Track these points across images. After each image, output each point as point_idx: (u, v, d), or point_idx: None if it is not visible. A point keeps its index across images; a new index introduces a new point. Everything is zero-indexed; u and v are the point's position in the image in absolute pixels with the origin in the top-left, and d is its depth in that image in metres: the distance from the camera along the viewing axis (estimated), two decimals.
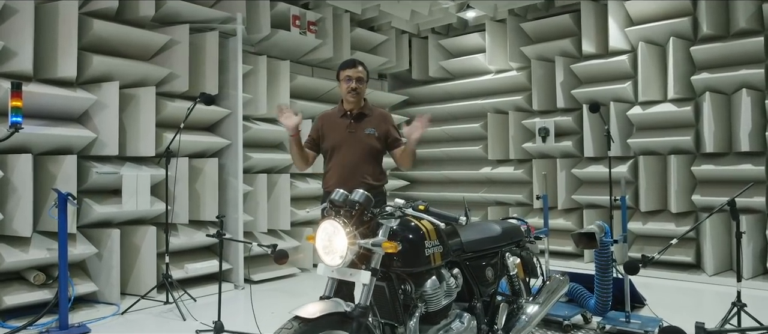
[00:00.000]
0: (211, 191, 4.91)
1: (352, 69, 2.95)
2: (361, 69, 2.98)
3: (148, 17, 4.60)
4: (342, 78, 2.98)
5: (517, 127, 6.44)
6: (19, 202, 3.81)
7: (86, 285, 4.16)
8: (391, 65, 7.12)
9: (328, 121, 3.06)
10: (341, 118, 3.00)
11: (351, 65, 2.97)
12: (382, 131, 2.97)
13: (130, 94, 4.48)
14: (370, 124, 2.97)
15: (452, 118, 7.16)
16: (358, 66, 2.97)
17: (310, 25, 5.84)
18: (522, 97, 6.41)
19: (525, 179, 6.45)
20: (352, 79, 2.94)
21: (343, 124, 2.98)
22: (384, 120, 3.02)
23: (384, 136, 2.98)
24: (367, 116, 2.99)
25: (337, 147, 2.93)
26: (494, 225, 2.74)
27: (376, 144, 2.95)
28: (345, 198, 2.02)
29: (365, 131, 2.94)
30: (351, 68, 2.95)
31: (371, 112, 3.03)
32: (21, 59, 3.84)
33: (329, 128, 3.02)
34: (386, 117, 3.07)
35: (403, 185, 7.35)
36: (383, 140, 2.98)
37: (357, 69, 2.96)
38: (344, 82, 2.96)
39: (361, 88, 2.97)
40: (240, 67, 5.01)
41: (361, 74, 2.96)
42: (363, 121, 2.97)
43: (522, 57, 6.42)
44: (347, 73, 2.95)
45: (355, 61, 3.00)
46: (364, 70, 2.99)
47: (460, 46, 7.01)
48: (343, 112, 3.01)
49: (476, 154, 6.84)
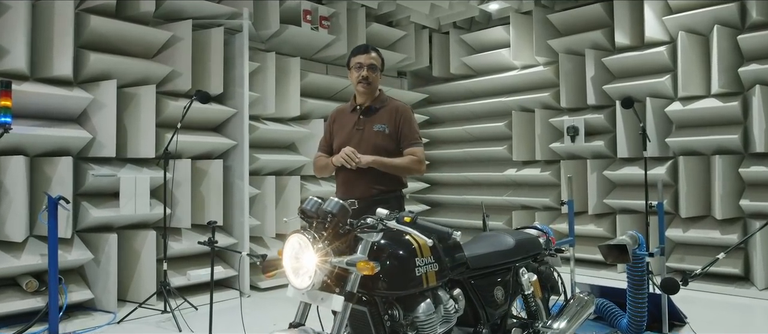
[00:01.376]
0: (215, 193, 4.69)
1: (364, 55, 2.58)
2: (375, 55, 2.61)
3: (149, 13, 4.41)
4: (352, 66, 2.62)
5: (543, 126, 6.02)
6: (11, 205, 3.66)
7: (82, 292, 3.99)
8: (411, 62, 6.79)
9: (339, 116, 2.73)
10: (352, 112, 2.67)
11: (363, 51, 2.61)
12: (393, 127, 2.59)
13: (131, 94, 4.30)
14: (381, 120, 2.59)
15: (475, 117, 6.78)
16: (371, 51, 2.61)
17: (322, 20, 5.58)
18: (549, 94, 5.98)
19: (552, 182, 6.02)
20: (363, 66, 2.57)
21: (352, 119, 2.64)
22: (398, 113, 2.60)
23: (396, 133, 2.59)
24: (378, 110, 2.62)
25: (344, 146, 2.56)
26: (506, 237, 2.38)
27: (387, 143, 2.56)
28: (317, 207, 1.71)
29: (374, 128, 2.58)
30: (363, 54, 2.59)
31: (384, 104, 2.64)
32: (13, 57, 3.70)
33: (339, 125, 2.68)
34: (401, 110, 2.61)
35: (422, 188, 7.01)
36: (395, 138, 2.59)
37: (370, 55, 2.59)
38: (355, 70, 2.60)
39: (374, 77, 2.59)
40: (246, 64, 4.77)
41: (374, 61, 2.59)
42: (373, 116, 2.61)
43: (549, 51, 5.99)
44: (358, 60, 2.59)
45: (367, 47, 2.64)
46: (378, 57, 2.63)
47: (483, 41, 6.63)
48: (353, 107, 2.68)
49: (500, 155, 6.44)
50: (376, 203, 2.54)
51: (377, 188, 2.55)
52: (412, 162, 2.58)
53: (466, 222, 6.62)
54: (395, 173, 2.59)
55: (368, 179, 2.52)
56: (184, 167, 4.49)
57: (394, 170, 2.56)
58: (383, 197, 2.55)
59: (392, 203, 2.56)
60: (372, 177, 2.52)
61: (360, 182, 2.52)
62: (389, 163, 2.53)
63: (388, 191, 2.59)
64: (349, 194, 2.54)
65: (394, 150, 2.60)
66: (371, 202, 2.50)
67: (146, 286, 4.26)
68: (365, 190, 2.52)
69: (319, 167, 2.72)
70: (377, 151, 2.54)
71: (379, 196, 2.54)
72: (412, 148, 2.60)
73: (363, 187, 2.52)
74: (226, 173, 4.82)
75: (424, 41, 6.92)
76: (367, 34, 6.09)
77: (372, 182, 2.53)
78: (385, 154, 2.55)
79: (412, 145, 2.60)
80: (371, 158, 2.49)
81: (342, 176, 2.59)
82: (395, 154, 2.59)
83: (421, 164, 2.61)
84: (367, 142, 2.57)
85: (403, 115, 2.62)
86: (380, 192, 2.55)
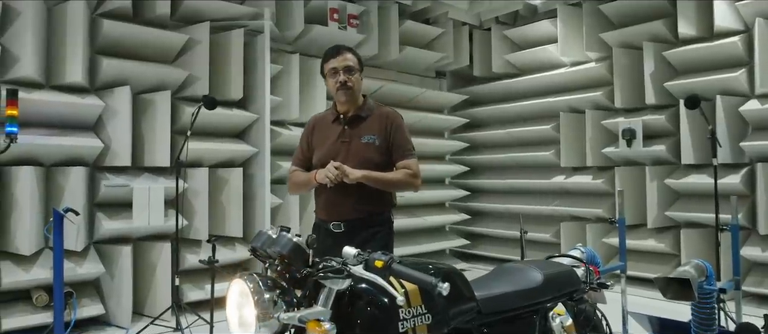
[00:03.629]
0: (235, 204, 4.46)
1: (336, 57, 2.28)
2: (350, 56, 2.31)
3: (166, 16, 4.24)
4: (327, 73, 2.32)
5: (595, 129, 5.42)
6: (20, 217, 3.55)
7: (94, 307, 3.85)
8: (449, 61, 6.37)
9: (319, 126, 2.41)
10: (333, 123, 2.35)
11: (334, 53, 2.30)
12: (383, 137, 2.28)
13: (147, 100, 4.15)
14: (369, 130, 2.28)
15: (519, 119, 6.25)
16: (344, 52, 2.30)
17: (351, 19, 5.26)
18: (602, 93, 5.38)
19: (605, 190, 5.41)
20: (338, 70, 2.27)
21: (335, 131, 2.32)
22: (388, 122, 2.30)
23: (387, 144, 2.29)
24: (365, 119, 2.31)
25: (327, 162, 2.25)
26: (532, 271, 1.94)
27: (377, 156, 2.26)
28: (271, 244, 1.37)
29: (362, 140, 2.27)
30: (335, 57, 2.29)
31: (371, 112, 2.33)
32: (25, 64, 3.59)
33: (319, 137, 2.37)
34: (391, 118, 2.33)
35: (461, 196, 6.55)
36: (386, 150, 2.29)
37: (344, 56, 2.29)
38: (330, 77, 2.30)
39: (354, 81, 2.29)
40: (267, 67, 4.53)
41: (350, 63, 2.29)
42: (360, 126, 2.30)
43: (602, 45, 5.39)
44: (332, 65, 2.29)
45: (339, 48, 2.33)
46: (353, 57, 2.32)
47: (529, 37, 6.09)
48: (335, 116, 2.36)
49: (547, 161, 5.89)
50: (364, 226, 2.21)
51: (365, 208, 2.23)
52: (407, 176, 2.27)
53: (508, 233, 6.11)
54: (388, 189, 2.27)
55: (355, 198, 2.20)
56: (201, 176, 4.29)
57: (387, 186, 2.25)
58: (372, 219, 2.24)
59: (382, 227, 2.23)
60: (360, 196, 2.20)
61: (346, 201, 2.20)
62: (382, 179, 2.22)
63: (378, 212, 2.27)
64: (333, 215, 2.24)
65: (385, 164, 2.28)
66: (359, 225, 2.20)
67: (161, 300, 4.07)
68: (351, 211, 2.22)
69: (296, 183, 2.41)
70: (366, 166, 2.22)
71: (368, 218, 2.23)
72: (405, 160, 2.28)
73: (349, 207, 2.21)
74: (247, 181, 4.59)
75: (463, 39, 6.47)
76: (400, 32, 5.73)
77: (360, 201, 2.21)
78: (375, 168, 2.23)
79: (405, 157, 2.29)
80: (361, 173, 2.17)
81: (325, 194, 2.28)
82: (386, 169, 2.27)
83: (417, 179, 2.30)
84: (355, 156, 2.24)
85: (393, 124, 2.30)
86: (369, 214, 2.23)
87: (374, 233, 2.24)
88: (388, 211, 2.33)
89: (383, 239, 2.27)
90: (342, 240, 2.19)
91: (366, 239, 2.20)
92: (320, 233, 2.30)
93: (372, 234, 2.23)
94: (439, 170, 6.39)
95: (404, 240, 5.92)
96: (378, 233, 2.25)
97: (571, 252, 2.55)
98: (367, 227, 2.23)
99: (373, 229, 2.24)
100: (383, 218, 2.31)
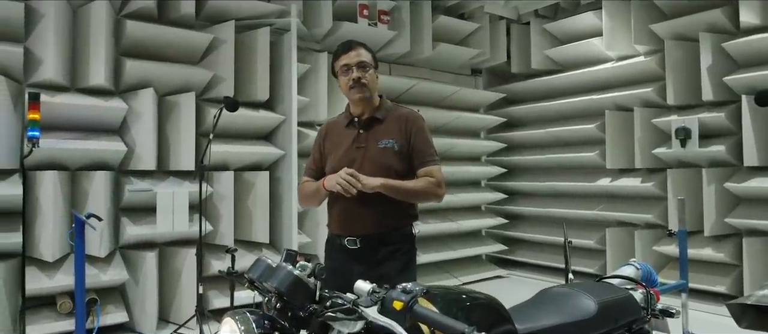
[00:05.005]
0: (261, 208, 4.31)
1: (348, 53, 2.05)
2: (364, 51, 2.08)
3: (191, 16, 4.12)
4: (338, 70, 2.09)
5: (645, 128, 5.02)
6: (44, 222, 3.50)
7: (119, 314, 3.77)
8: (485, 58, 6.07)
9: (332, 132, 2.19)
10: (347, 127, 2.12)
11: (346, 49, 2.06)
12: (403, 141, 2.03)
13: (172, 102, 4.04)
14: (388, 133, 2.04)
15: (561, 118, 5.89)
16: (356, 47, 2.07)
17: (381, 15, 5.04)
18: (652, 89, 4.98)
19: (656, 194, 5.00)
20: (350, 67, 2.04)
21: (349, 135, 2.09)
22: (408, 124, 2.06)
23: (408, 149, 2.04)
24: (382, 122, 2.07)
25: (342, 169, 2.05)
26: (583, 298, 1.66)
27: (396, 162, 2.02)
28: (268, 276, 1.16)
29: (379, 144, 2.03)
30: (347, 52, 2.05)
31: (388, 114, 2.09)
32: (48, 67, 3.53)
33: (332, 143, 2.14)
34: (411, 120, 2.07)
35: (498, 199, 6.24)
36: (406, 155, 2.04)
37: (357, 51, 2.06)
38: (342, 74, 2.07)
39: (369, 78, 2.05)
40: (294, 66, 4.36)
41: (363, 58, 2.05)
42: (377, 129, 2.06)
43: (652, 37, 4.99)
44: (343, 61, 2.05)
45: (350, 43, 2.10)
46: (367, 53, 2.09)
47: (571, 30, 5.73)
48: (349, 119, 2.13)
49: (591, 162, 5.52)
50: (382, 242, 1.97)
51: (385, 222, 1.99)
52: (430, 186, 2.01)
53: (550, 239, 5.77)
54: (408, 199, 2.02)
55: (375, 210, 1.97)
56: (227, 179, 4.16)
57: (408, 196, 2.00)
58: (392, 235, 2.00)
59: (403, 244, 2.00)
60: (378, 207, 1.97)
61: (363, 214, 1.97)
62: (402, 188, 1.97)
63: (398, 226, 2.03)
64: (347, 229, 2.01)
65: (405, 171, 2.03)
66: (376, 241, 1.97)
67: (187, 307, 3.96)
68: (368, 225, 1.98)
69: (305, 194, 2.19)
70: (385, 174, 1.98)
71: (387, 233, 2.00)
72: (427, 167, 2.03)
73: (367, 221, 1.98)
74: (274, 185, 4.44)
75: (500, 34, 6.15)
76: (433, 28, 5.47)
77: (379, 214, 1.98)
78: (395, 176, 1.99)
79: (427, 163, 2.03)
80: (379, 181, 1.93)
81: (338, 206, 2.05)
82: (407, 177, 2.02)
83: (441, 188, 2.04)
84: (372, 163, 2.01)
85: (414, 126, 2.05)
86: (388, 228, 2.00)
87: (393, 250, 2.01)
88: (409, 225, 2.08)
89: (404, 259, 2.03)
90: (357, 257, 2.00)
91: (384, 258, 1.99)
92: (333, 249, 2.10)
93: (391, 252, 2.00)
94: (475, 172, 6.10)
95: (437, 245, 5.67)
96: (398, 251, 2.02)
97: (624, 269, 2.25)
98: (385, 243, 2.00)
99: (392, 246, 2.01)
100: (404, 233, 2.06)
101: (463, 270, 5.79)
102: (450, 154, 5.83)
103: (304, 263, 1.17)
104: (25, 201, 3.53)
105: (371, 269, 1.94)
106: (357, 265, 1.97)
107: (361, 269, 1.93)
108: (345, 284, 1.98)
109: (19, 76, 3.55)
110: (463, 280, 5.65)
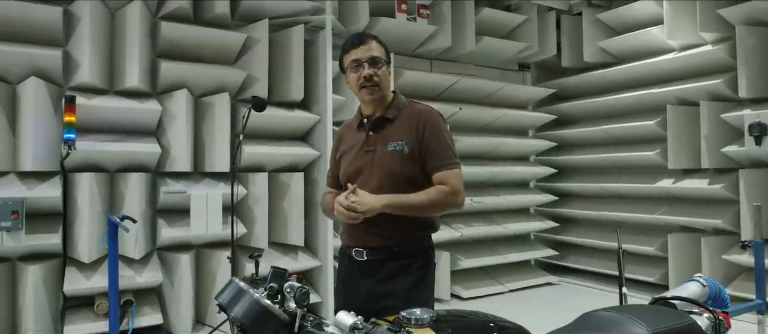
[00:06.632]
0: (297, 210, 4.22)
1: (359, 47, 1.85)
2: (376, 45, 1.88)
3: (226, 16, 4.08)
4: (348, 66, 1.89)
5: (713, 124, 4.56)
6: (82, 224, 3.53)
7: (154, 315, 3.76)
8: (533, 52, 5.74)
9: (346, 136, 2.01)
10: (358, 129, 1.94)
11: (356, 42, 1.86)
12: (415, 142, 1.81)
13: (207, 103, 4.01)
14: (397, 134, 1.83)
15: (617, 114, 5.48)
16: (367, 41, 1.88)
17: (420, 9, 4.84)
18: (721, 81, 4.51)
19: (726, 197, 4.53)
20: (361, 63, 1.84)
21: (359, 138, 1.91)
22: (420, 122, 1.83)
23: (420, 151, 1.81)
24: (392, 121, 1.87)
25: (351, 178, 1.86)
26: (634, 328, 1.40)
27: (405, 168, 1.80)
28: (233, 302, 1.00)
29: (388, 147, 1.83)
30: (357, 47, 1.85)
31: (401, 111, 1.88)
32: (87, 70, 3.56)
33: (345, 148, 1.97)
34: (424, 117, 1.85)
35: (549, 201, 5.89)
36: (418, 158, 1.81)
37: (368, 45, 1.86)
38: (352, 71, 1.87)
39: (381, 75, 1.86)
40: (329, 64, 4.24)
41: (375, 53, 1.86)
42: (386, 130, 1.86)
43: (721, 24, 4.52)
44: (354, 56, 1.86)
45: (361, 36, 1.91)
46: (379, 47, 1.89)
47: (628, 19, 5.31)
48: (360, 120, 1.95)
49: (651, 162, 5.08)
50: (391, 256, 1.77)
51: (396, 234, 1.79)
52: (443, 196, 1.76)
53: (604, 244, 5.39)
54: (420, 214, 1.80)
55: (382, 223, 1.76)
56: (261, 181, 4.09)
57: (419, 211, 1.78)
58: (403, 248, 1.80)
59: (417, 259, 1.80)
60: (390, 217, 1.76)
61: (372, 223, 1.76)
62: (410, 204, 1.75)
63: (411, 239, 1.81)
64: (354, 240, 1.85)
65: (418, 176, 1.81)
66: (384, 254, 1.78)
67: None
68: (378, 236, 1.79)
69: (326, 209, 2.03)
70: (395, 181, 1.77)
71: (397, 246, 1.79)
72: (442, 173, 1.79)
73: (375, 231, 1.79)
74: (309, 186, 4.33)
75: (550, 26, 5.80)
76: (476, 21, 5.21)
77: (390, 224, 1.77)
78: (406, 184, 1.78)
79: (443, 167, 1.79)
80: (381, 202, 1.71)
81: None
82: (420, 183, 1.79)
83: (458, 196, 1.79)
84: (380, 168, 1.81)
85: (428, 123, 1.82)
86: (399, 241, 1.79)
87: (405, 265, 1.80)
88: (426, 237, 1.88)
89: (417, 275, 1.81)
90: (365, 271, 1.83)
91: (394, 273, 1.79)
92: (343, 262, 1.94)
93: (402, 267, 1.80)
94: (523, 173, 5.78)
95: (482, 250, 5.40)
96: (410, 266, 1.81)
97: (687, 287, 1.95)
98: (395, 257, 1.80)
99: (403, 260, 1.80)
100: (419, 246, 1.85)
101: (511, 276, 5.49)
102: (495, 153, 5.54)
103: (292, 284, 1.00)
104: (65, 202, 3.58)
105: (379, 285, 1.77)
106: (364, 279, 1.81)
107: (369, 284, 1.76)
108: (352, 299, 1.83)
109: (59, 80, 3.60)
110: (510, 286, 5.35)
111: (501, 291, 5.28)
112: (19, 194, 3.31)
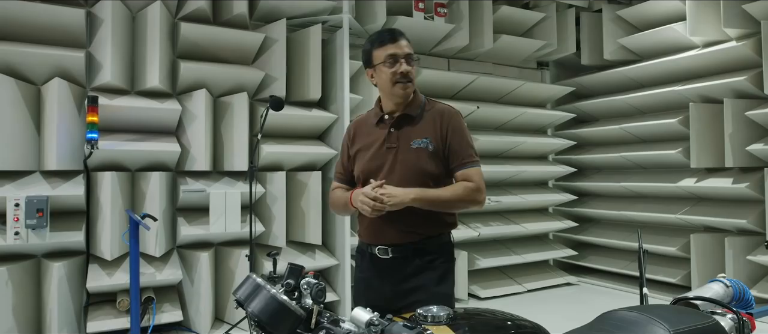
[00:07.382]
0: (314, 208, 4.24)
1: (396, 42, 1.85)
2: (407, 43, 1.89)
3: (244, 17, 4.12)
4: (382, 60, 1.86)
5: (737, 122, 4.46)
6: (104, 222, 3.60)
7: (174, 312, 3.82)
8: (552, 50, 5.67)
9: (360, 131, 2.00)
10: (377, 125, 1.94)
11: (392, 38, 1.86)
12: (439, 140, 1.84)
13: (225, 103, 4.05)
14: (421, 132, 1.85)
15: (638, 112, 5.40)
16: (401, 38, 1.88)
17: (438, 8, 4.82)
18: (745, 78, 4.41)
19: (751, 196, 4.42)
20: (398, 58, 1.84)
21: (379, 135, 1.91)
22: (443, 121, 1.86)
23: (444, 149, 1.85)
24: (414, 120, 1.88)
25: (370, 174, 1.87)
26: (655, 328, 1.36)
27: (431, 165, 1.83)
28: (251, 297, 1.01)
29: (412, 144, 1.84)
30: (395, 42, 1.85)
31: (422, 110, 1.90)
32: (109, 71, 3.63)
33: (361, 143, 1.96)
34: (447, 117, 1.88)
35: (566, 200, 5.82)
36: (442, 156, 1.84)
37: (405, 42, 1.87)
38: (386, 65, 1.85)
39: (414, 73, 1.89)
40: (346, 64, 4.25)
41: (410, 51, 1.88)
42: (410, 128, 1.87)
43: (745, 19, 4.42)
44: (391, 51, 1.84)
45: (395, 32, 1.89)
46: (410, 46, 1.90)
47: (649, 16, 5.22)
48: (380, 117, 1.94)
49: (673, 161, 4.99)
50: (417, 252, 1.79)
51: (420, 230, 1.81)
52: (469, 192, 1.81)
53: (624, 244, 5.31)
54: (446, 210, 1.83)
55: (408, 217, 1.78)
56: (279, 180, 4.12)
57: (445, 205, 1.81)
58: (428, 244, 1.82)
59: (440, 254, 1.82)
60: (413, 214, 1.78)
61: (395, 220, 1.79)
62: (437, 198, 1.78)
63: (434, 235, 1.84)
64: (378, 238, 1.85)
65: (441, 174, 1.84)
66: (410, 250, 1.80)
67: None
68: (403, 233, 1.81)
69: (336, 205, 2.03)
70: (418, 178, 1.79)
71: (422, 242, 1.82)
72: (466, 170, 1.83)
73: (400, 228, 1.80)
74: (327, 185, 4.34)
75: (569, 23, 5.73)
76: (494, 19, 5.17)
77: (413, 221, 1.79)
78: (431, 181, 1.81)
79: (465, 165, 1.83)
80: (410, 196, 1.74)
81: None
82: (443, 181, 1.84)
83: (481, 193, 1.83)
84: (404, 166, 1.82)
85: (451, 123, 1.85)
86: (423, 237, 1.82)
87: (430, 261, 1.84)
88: (447, 233, 1.90)
89: (441, 269, 1.85)
90: (388, 268, 1.84)
91: (418, 270, 1.81)
92: (363, 259, 1.94)
93: (427, 263, 1.83)
94: (541, 172, 5.72)
95: (500, 249, 5.37)
96: (435, 261, 1.84)
97: (710, 287, 1.90)
98: (420, 254, 1.83)
99: (428, 256, 1.83)
100: (441, 241, 1.88)
101: (529, 276, 5.44)
102: (513, 152, 5.50)
103: (309, 280, 1.01)
104: (88, 201, 3.65)
105: (404, 281, 1.78)
106: (388, 276, 1.82)
107: (394, 281, 1.76)
108: (376, 298, 1.83)
109: (82, 80, 3.68)
110: (529, 286, 5.30)
111: (519, 291, 5.23)
112: (43, 192, 3.38)
